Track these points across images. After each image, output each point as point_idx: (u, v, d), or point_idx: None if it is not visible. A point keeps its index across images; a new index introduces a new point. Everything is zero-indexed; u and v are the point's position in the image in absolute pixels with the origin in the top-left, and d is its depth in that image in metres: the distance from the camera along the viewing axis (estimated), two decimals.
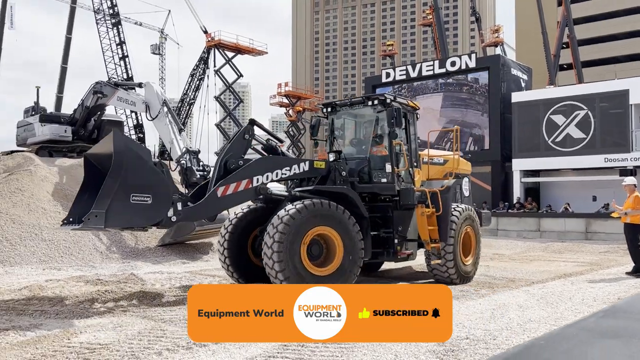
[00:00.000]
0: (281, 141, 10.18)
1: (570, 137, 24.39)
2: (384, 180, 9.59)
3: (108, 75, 36.89)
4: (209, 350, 5.55)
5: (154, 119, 15.06)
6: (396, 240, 9.45)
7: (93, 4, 37.63)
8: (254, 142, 9.32)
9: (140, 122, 37.74)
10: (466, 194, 11.57)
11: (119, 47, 37.58)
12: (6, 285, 9.62)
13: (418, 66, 30.19)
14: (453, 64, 28.54)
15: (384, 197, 9.72)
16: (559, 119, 24.70)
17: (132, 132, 38.06)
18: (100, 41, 37.52)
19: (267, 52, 47.04)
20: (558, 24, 40.25)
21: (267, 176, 8.76)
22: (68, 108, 32.04)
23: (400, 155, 9.78)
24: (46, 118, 19.46)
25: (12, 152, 19.67)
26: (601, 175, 24.02)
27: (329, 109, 10.44)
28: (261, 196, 8.74)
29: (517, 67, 28.80)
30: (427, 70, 29.31)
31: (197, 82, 44.97)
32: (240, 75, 46.17)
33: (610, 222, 19.85)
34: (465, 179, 11.65)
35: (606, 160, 23.37)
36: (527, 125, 25.63)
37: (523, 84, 28.49)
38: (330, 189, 9.08)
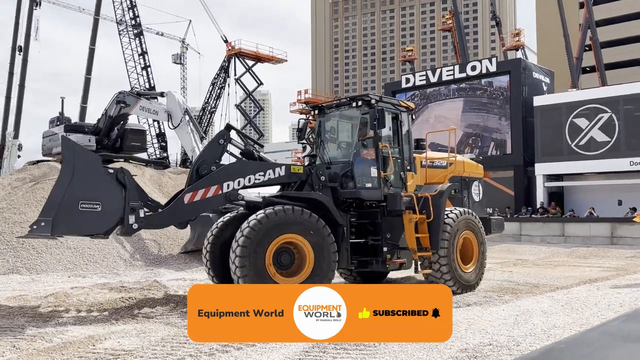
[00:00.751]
0: (261, 146, 9.87)
1: (594, 141, 24.03)
2: (369, 185, 9.16)
3: (131, 85, 37.49)
4: (230, 357, 5.59)
5: (175, 127, 15.26)
6: (385, 248, 8.99)
7: (116, 16, 38.34)
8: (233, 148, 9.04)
9: (163, 131, 38.25)
10: (476, 198, 11.13)
11: (141, 57, 38.20)
12: (33, 293, 9.80)
13: (438, 71, 30.07)
14: (473, 68, 28.38)
15: (370, 202, 9.25)
16: (582, 122, 24.36)
17: (155, 140, 38.55)
18: (123, 52, 38.19)
19: (286, 60, 47.30)
20: (580, 27, 39.74)
21: (239, 182, 8.44)
22: (92, 118, 32.61)
23: (388, 159, 9.35)
24: (71, 128, 19.78)
25: (38, 161, 20.05)
26: (626, 179, 23.61)
27: (317, 112, 10.11)
28: (232, 203, 8.46)
29: (538, 71, 28.52)
30: (447, 75, 29.18)
31: (218, 91, 45.40)
32: (260, 83, 46.48)
33: (636, 226, 19.49)
34: (476, 183, 11.20)
35: (632, 163, 22.96)
36: (549, 129, 25.32)
37: (545, 88, 28.18)
38: (299, 194, 8.64)
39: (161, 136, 38.88)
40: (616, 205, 24.13)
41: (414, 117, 10.09)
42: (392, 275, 11.85)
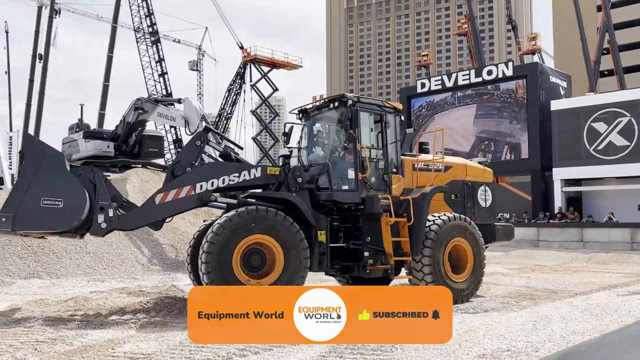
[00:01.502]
0: (241, 148, 9.48)
1: (613, 145, 23.76)
2: (345, 187, 8.91)
3: (148, 92, 37.94)
4: None
5: (193, 133, 15.37)
6: (367, 253, 8.71)
7: (133, 23, 38.85)
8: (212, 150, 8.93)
9: (180, 137, 38.59)
10: (483, 204, 10.57)
11: (158, 64, 38.63)
12: (53, 297, 9.94)
13: (454, 76, 29.97)
14: (490, 72, 28.24)
15: (349, 205, 9.02)
16: (600, 126, 24.10)
17: (172, 146, 38.87)
18: (141, 59, 38.64)
19: (302, 66, 47.47)
20: (598, 30, 39.39)
21: (213, 183, 8.29)
22: (110, 124, 32.97)
23: (371, 160, 9.12)
24: (90, 134, 20.02)
25: None
26: None
27: (302, 114, 9.94)
28: (205, 204, 8.31)
29: (555, 75, 28.30)
30: (463, 80, 29.07)
31: (234, 97, 45.70)
32: (275, 89, 46.68)
33: None
34: (483, 188, 10.68)
35: None
36: (567, 134, 25.10)
37: (562, 92, 27.95)
38: (270, 194, 8.51)
39: (178, 142, 39.23)
40: (636, 210, 23.79)
41: (402, 118, 9.74)
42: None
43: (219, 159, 9.06)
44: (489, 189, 10.84)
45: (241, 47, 45.23)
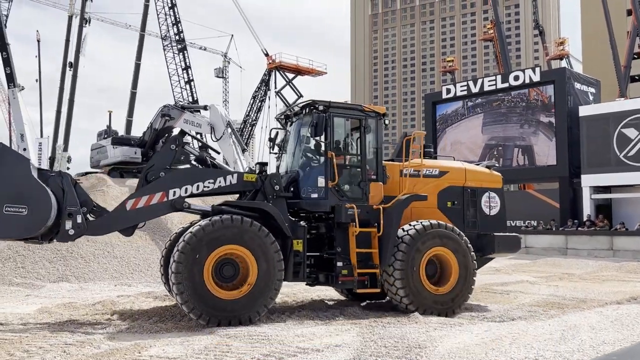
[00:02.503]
0: (217, 152, 9.44)
1: None
2: (315, 195, 8.65)
3: (175, 99, 38.41)
4: None
5: (218, 139, 15.57)
6: (340, 263, 8.44)
7: (161, 32, 39.43)
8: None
9: (206, 143, 38.91)
10: (488, 211, 9.89)
11: (184, 71, 39.12)
12: (81, 300, 10.12)
13: (480, 81, 29.72)
14: (516, 78, 27.93)
15: (320, 214, 8.81)
16: (631, 132, 23.61)
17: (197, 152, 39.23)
18: (167, 66, 39.19)
19: (326, 72, 47.60)
20: (628, 34, 38.68)
21: (186, 189, 8.07)
22: (138, 131, 33.51)
23: (345, 167, 8.91)
24: (117, 141, 20.47)
25: (86, 173, 20.78)
26: None
27: (285, 120, 9.75)
28: (177, 211, 8.10)
29: (584, 80, 27.85)
30: (489, 85, 28.81)
31: (259, 104, 46.05)
32: (300, 96, 46.84)
33: None
34: (488, 195, 9.98)
35: None
36: (596, 140, 24.64)
37: (591, 97, 27.48)
38: (245, 203, 8.29)
39: (204, 148, 39.61)
40: None
41: (386, 122, 9.34)
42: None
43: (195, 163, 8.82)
44: (496, 195, 10.08)
45: (266, 54, 45.57)
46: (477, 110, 29.35)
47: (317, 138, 8.57)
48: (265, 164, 9.05)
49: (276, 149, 9.90)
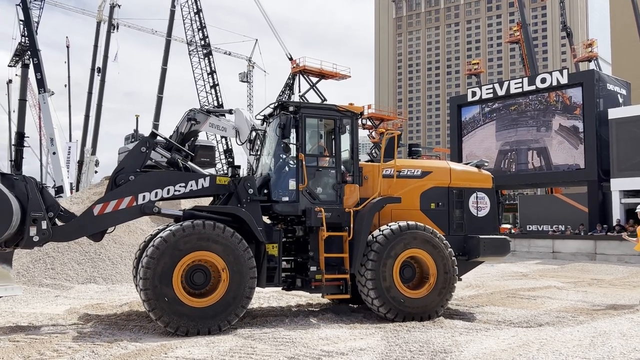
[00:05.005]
0: (188, 155, 8.87)
1: None
2: (286, 198, 8.45)
3: (200, 103, 38.84)
4: None
5: (243, 143, 15.62)
6: (314, 268, 8.25)
7: (186, 37, 39.94)
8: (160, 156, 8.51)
9: (230, 147, 39.28)
10: (475, 213, 9.53)
11: (210, 76, 39.53)
12: (108, 302, 10.28)
13: (506, 84, 29.35)
14: (543, 80, 27.53)
15: (291, 218, 8.61)
16: None
17: (223, 156, 39.62)
18: (193, 71, 39.66)
19: (350, 76, 47.58)
20: None
21: (156, 193, 7.83)
22: (164, 134, 33.96)
23: (318, 169, 8.63)
24: None
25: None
26: None
27: (263, 121, 9.50)
28: (147, 215, 7.91)
29: (613, 82, 27.31)
30: (515, 88, 28.44)
31: None
32: (324, 100, 46.95)
33: None
34: (477, 195, 9.58)
35: None
36: (626, 143, 24.12)
37: (621, 100, 26.94)
38: (217, 208, 8.07)
39: (229, 152, 39.93)
40: None
41: (363, 122, 9.06)
42: None
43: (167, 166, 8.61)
44: (485, 195, 9.68)
45: (290, 59, 45.77)
46: (493, 116, 29.12)
47: (286, 140, 8.30)
48: (238, 167, 8.84)
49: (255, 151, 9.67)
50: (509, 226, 32.74)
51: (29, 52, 32.42)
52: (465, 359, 6.02)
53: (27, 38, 32.22)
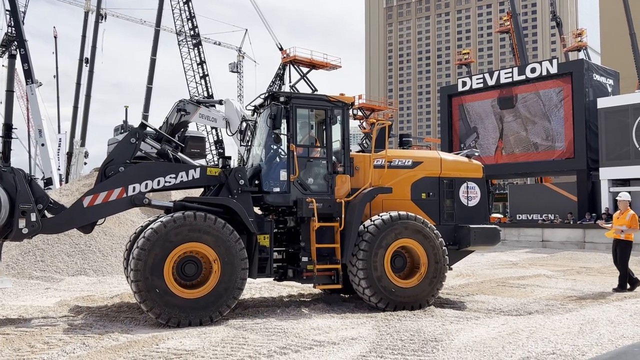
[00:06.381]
0: (178, 146, 8.84)
1: None
2: (277, 189, 8.44)
3: (190, 94, 38.59)
4: (289, 359, 5.65)
5: (234, 134, 15.58)
6: (305, 259, 8.26)
7: (175, 27, 39.60)
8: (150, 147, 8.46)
9: (221, 138, 39.11)
10: (465, 202, 9.56)
11: (199, 66, 39.25)
12: (99, 294, 10.24)
13: (496, 74, 29.42)
14: (533, 70, 27.60)
15: (283, 209, 8.61)
16: None
17: (213, 147, 39.45)
18: (182, 61, 39.35)
19: (340, 66, 47.44)
20: None
21: (147, 184, 7.80)
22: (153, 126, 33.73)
23: (309, 160, 8.63)
24: None
25: None
26: None
27: (253, 111, 9.43)
28: (137, 206, 7.87)
29: (602, 72, 27.45)
30: (505, 78, 28.52)
31: None
32: (314, 90, 46.83)
33: None
34: (467, 185, 9.62)
35: None
36: (615, 132, 24.30)
37: (609, 89, 27.09)
38: (208, 199, 8.05)
39: (219, 143, 39.77)
40: None
41: (354, 112, 9.04)
42: None
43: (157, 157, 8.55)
44: (475, 185, 9.72)
45: (280, 49, 45.56)
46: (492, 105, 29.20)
47: (277, 130, 8.23)
48: (229, 157, 8.78)
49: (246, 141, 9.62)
50: (499, 216, 32.95)
51: (15, 43, 32.02)
52: (456, 348, 6.07)
53: (13, 28, 31.82)
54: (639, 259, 18.01)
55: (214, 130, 38.94)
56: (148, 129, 8.59)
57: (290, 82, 45.59)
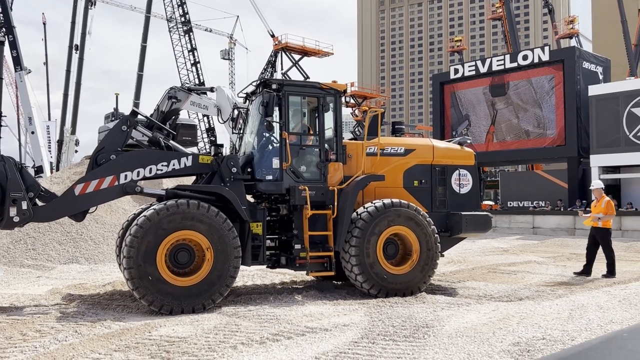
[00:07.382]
0: (170, 133, 8.82)
1: None
2: (270, 177, 8.42)
3: (181, 81, 38.32)
4: (281, 345, 5.68)
5: (225, 122, 15.51)
6: (298, 246, 8.32)
7: (166, 13, 39.22)
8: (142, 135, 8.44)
9: (212, 126, 38.92)
10: (457, 190, 9.57)
11: (190, 53, 38.96)
12: (91, 281, 10.23)
13: (488, 61, 29.42)
14: (525, 57, 27.62)
15: (275, 197, 8.63)
16: None
17: (205, 135, 39.28)
18: (173, 48, 39.04)
19: (333, 53, 47.26)
20: (639, 12, 38.10)
21: (138, 172, 7.80)
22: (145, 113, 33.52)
23: (302, 148, 8.60)
24: None
25: None
26: None
27: (245, 99, 9.42)
28: (129, 194, 7.85)
29: (593, 59, 27.51)
30: (497, 65, 28.53)
31: None
32: (306, 77, 46.65)
33: None
34: (459, 172, 9.61)
35: None
36: (605, 120, 24.42)
37: (601, 77, 27.17)
38: (200, 187, 8.06)
39: (211, 131, 39.60)
40: None
41: (347, 100, 9.00)
42: None
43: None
44: (467, 172, 9.74)
45: (272, 36, 45.29)
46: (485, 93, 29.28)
47: (269, 118, 8.19)
48: (221, 145, 8.74)
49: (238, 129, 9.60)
50: (490, 203, 33.13)
51: (4, 29, 31.62)
52: (447, 333, 6.12)
53: (1, 14, 31.41)
54: (629, 245, 18.22)
55: (205, 118, 38.77)
56: (139, 116, 8.56)
57: (282, 69, 45.41)
